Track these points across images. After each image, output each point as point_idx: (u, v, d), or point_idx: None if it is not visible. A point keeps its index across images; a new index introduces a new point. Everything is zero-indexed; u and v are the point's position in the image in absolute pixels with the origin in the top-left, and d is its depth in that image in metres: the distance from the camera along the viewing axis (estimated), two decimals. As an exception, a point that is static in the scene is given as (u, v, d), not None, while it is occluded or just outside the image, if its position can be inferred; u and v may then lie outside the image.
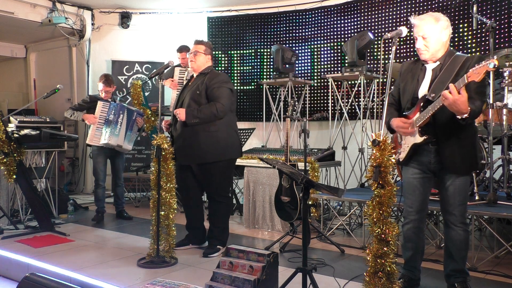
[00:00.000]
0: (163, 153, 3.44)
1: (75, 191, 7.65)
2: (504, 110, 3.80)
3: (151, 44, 7.56)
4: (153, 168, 3.50)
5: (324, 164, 4.77)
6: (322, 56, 6.54)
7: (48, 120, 5.56)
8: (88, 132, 5.07)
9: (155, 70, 3.71)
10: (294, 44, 6.75)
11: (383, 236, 2.34)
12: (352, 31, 6.24)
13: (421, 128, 2.60)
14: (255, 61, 7.08)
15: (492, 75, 3.74)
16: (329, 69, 6.47)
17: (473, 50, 5.23)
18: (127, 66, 7.46)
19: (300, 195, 3.77)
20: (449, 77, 2.55)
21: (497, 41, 4.98)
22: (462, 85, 2.32)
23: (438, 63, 2.66)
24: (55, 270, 3.33)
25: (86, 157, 7.51)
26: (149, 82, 7.37)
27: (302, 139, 4.04)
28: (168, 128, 3.87)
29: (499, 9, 5.05)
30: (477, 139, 2.72)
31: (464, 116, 2.40)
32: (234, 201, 5.74)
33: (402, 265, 2.84)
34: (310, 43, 6.64)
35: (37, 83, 8.59)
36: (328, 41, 6.48)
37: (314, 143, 5.78)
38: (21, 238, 4.24)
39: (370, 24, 6.08)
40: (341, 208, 5.12)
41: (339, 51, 6.35)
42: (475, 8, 4.01)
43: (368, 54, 5.81)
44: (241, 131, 5.67)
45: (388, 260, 2.34)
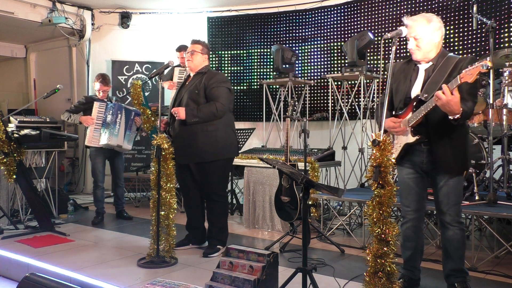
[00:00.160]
0: (163, 153, 3.44)
1: (75, 191, 7.65)
2: (504, 110, 3.80)
3: (151, 44, 7.56)
4: (153, 168, 3.50)
5: (324, 164, 4.76)
6: (322, 56, 6.54)
7: (48, 120, 5.56)
8: (86, 133, 5.04)
9: (155, 70, 3.71)
10: (294, 44, 6.75)
11: (383, 236, 2.33)
12: (352, 31, 6.24)
13: (413, 128, 2.62)
14: (255, 61, 7.08)
15: (492, 75, 3.74)
16: (329, 69, 6.47)
17: (473, 50, 5.23)
18: (127, 66, 7.46)
19: (300, 195, 3.77)
20: (441, 77, 2.57)
21: (497, 41, 4.98)
22: (455, 86, 2.34)
23: (431, 63, 2.68)
24: (55, 270, 3.33)
25: (86, 157, 7.50)
26: (149, 82, 7.36)
27: (302, 139, 4.04)
28: (165, 127, 3.85)
29: (499, 9, 5.05)
30: (468, 139, 2.73)
31: (456, 116, 2.42)
32: (234, 201, 5.75)
33: (402, 265, 2.85)
34: (310, 43, 6.64)
35: (37, 83, 8.59)
36: (328, 41, 6.48)
37: (314, 143, 5.77)
38: (21, 238, 4.24)
39: (370, 24, 6.08)
40: (341, 208, 5.12)
41: (339, 51, 6.35)
42: (475, 8, 4.00)
43: (368, 54, 5.81)
44: (241, 131, 5.67)
45: (388, 260, 2.34)
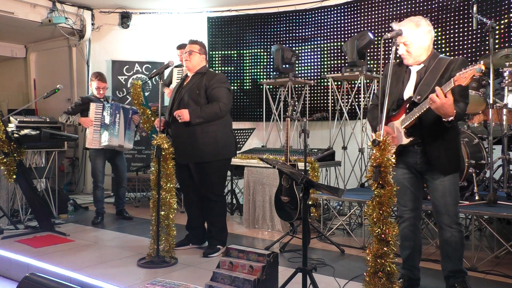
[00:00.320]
0: (163, 153, 3.44)
1: (75, 191, 7.65)
2: (504, 110, 3.80)
3: (151, 44, 7.56)
4: (153, 168, 3.50)
5: (324, 164, 4.76)
6: (322, 56, 6.54)
7: (48, 120, 5.56)
8: (85, 134, 5.02)
9: (155, 70, 3.71)
10: (294, 44, 6.75)
11: (383, 236, 2.33)
12: (352, 31, 6.23)
13: (407, 129, 2.63)
14: (255, 61, 7.07)
15: (492, 75, 3.75)
16: (329, 69, 6.47)
17: (473, 50, 5.23)
18: (127, 66, 7.45)
19: (300, 195, 3.77)
20: (434, 79, 2.58)
21: (497, 41, 4.98)
22: (449, 89, 2.36)
23: (423, 65, 2.69)
24: (55, 270, 3.33)
25: (86, 157, 7.49)
26: (149, 82, 7.36)
27: (302, 139, 4.04)
28: (164, 127, 3.82)
29: (499, 9, 5.05)
30: (460, 140, 2.74)
31: (450, 118, 2.44)
32: (234, 201, 5.75)
33: (401, 265, 2.84)
34: (310, 43, 6.64)
35: (37, 83, 8.59)
36: (328, 41, 6.48)
37: (314, 143, 5.77)
38: (21, 238, 4.24)
39: (370, 24, 6.08)
40: (341, 208, 5.12)
41: (339, 51, 6.35)
42: (475, 8, 4.00)
43: (368, 54, 5.81)
44: (241, 131, 5.67)
45: (388, 260, 2.34)
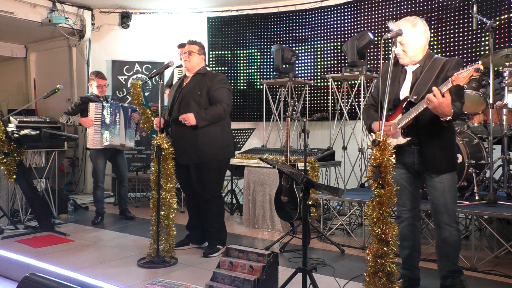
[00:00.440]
0: (163, 153, 3.44)
1: (75, 191, 7.65)
2: (504, 110, 3.80)
3: (151, 44, 7.55)
4: (153, 168, 3.50)
5: (324, 164, 4.76)
6: (322, 56, 6.54)
7: (48, 120, 5.56)
8: (86, 134, 5.01)
9: (155, 70, 3.71)
10: (294, 44, 6.74)
11: (383, 236, 2.33)
12: (352, 31, 6.23)
13: (403, 129, 2.63)
14: (255, 61, 7.07)
15: (492, 75, 3.75)
16: (329, 69, 6.47)
17: (473, 50, 5.23)
18: (127, 66, 7.45)
19: (300, 195, 3.77)
20: (429, 79, 2.59)
21: (497, 41, 4.98)
22: (446, 88, 2.36)
23: (418, 65, 2.70)
24: (55, 270, 3.33)
25: (86, 157, 7.50)
26: (149, 82, 7.36)
27: (302, 139, 4.04)
28: (163, 127, 3.79)
29: (499, 9, 5.05)
30: (455, 139, 2.75)
31: (447, 118, 2.44)
32: (234, 201, 5.75)
33: (401, 265, 2.84)
34: (310, 43, 6.64)
35: (37, 83, 8.59)
36: (328, 41, 6.48)
37: (314, 143, 5.77)
38: (21, 238, 4.24)
39: (370, 24, 6.07)
40: (341, 208, 5.12)
41: (339, 51, 6.35)
42: (475, 8, 4.00)
43: (368, 54, 5.81)
44: (241, 131, 5.67)
45: (388, 260, 2.34)
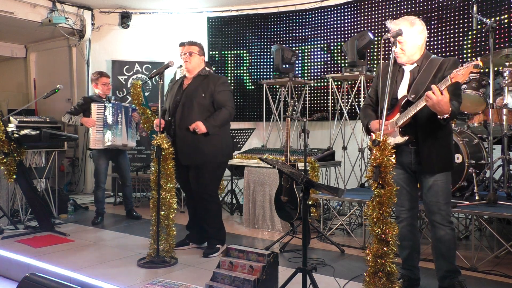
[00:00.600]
0: (163, 153, 3.44)
1: (75, 191, 7.64)
2: (504, 110, 3.80)
3: (151, 44, 7.55)
4: (153, 168, 3.50)
5: (324, 164, 4.76)
6: (322, 56, 6.54)
7: (48, 120, 5.55)
8: (87, 133, 5.02)
9: (155, 70, 3.70)
10: (294, 44, 6.74)
11: (383, 236, 2.33)
12: (352, 31, 6.23)
13: (401, 128, 2.63)
14: (255, 61, 7.07)
15: (492, 75, 3.75)
16: (329, 69, 6.47)
17: (473, 50, 5.23)
18: (127, 66, 7.45)
19: (300, 195, 3.77)
20: (427, 78, 2.61)
21: (497, 41, 4.98)
22: (445, 86, 2.38)
23: (416, 65, 2.71)
24: (55, 270, 3.33)
25: (86, 157, 7.50)
26: (149, 82, 7.36)
27: (302, 139, 4.04)
28: (163, 128, 3.79)
29: (499, 9, 5.04)
30: (452, 139, 2.76)
31: (445, 116, 2.45)
32: (234, 201, 5.75)
33: (401, 265, 2.84)
34: (310, 43, 6.64)
35: (37, 83, 8.59)
36: (328, 41, 6.48)
37: (314, 143, 5.77)
38: (21, 238, 4.24)
39: (370, 24, 6.08)
40: (341, 208, 5.12)
41: (339, 51, 6.35)
42: (475, 8, 4.00)
43: (368, 54, 5.81)
44: (241, 131, 5.67)
45: (388, 260, 2.34)
